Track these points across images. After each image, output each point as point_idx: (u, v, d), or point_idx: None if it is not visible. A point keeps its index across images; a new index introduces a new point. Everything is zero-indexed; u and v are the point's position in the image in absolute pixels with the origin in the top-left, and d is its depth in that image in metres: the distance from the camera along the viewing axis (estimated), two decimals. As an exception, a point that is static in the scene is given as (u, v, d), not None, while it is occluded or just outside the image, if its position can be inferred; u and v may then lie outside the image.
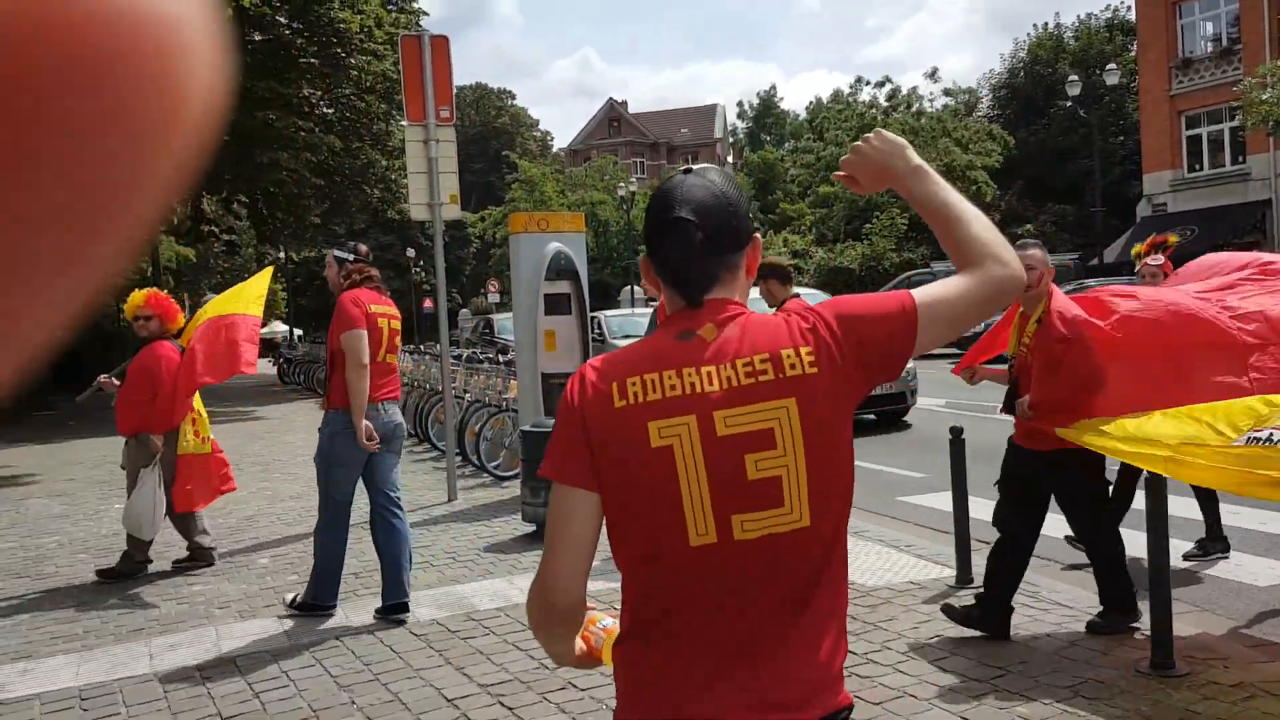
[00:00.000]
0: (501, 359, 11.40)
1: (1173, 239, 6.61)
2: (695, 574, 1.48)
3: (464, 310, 42.44)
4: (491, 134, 69.62)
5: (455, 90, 10.43)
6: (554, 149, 76.26)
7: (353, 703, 4.41)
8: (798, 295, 6.33)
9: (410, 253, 47.68)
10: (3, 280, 0.22)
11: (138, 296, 6.58)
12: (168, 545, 7.18)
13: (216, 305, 7.01)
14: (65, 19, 0.21)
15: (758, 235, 1.65)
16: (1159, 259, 6.40)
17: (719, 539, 1.47)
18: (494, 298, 39.35)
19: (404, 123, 10.65)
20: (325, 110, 23.29)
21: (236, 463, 8.36)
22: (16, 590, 6.59)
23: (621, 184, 46.57)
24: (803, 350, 1.51)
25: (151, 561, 6.80)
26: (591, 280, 11.06)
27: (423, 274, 47.16)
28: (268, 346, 33.01)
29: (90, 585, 6.60)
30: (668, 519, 1.48)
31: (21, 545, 7.98)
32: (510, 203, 47.35)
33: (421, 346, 18.00)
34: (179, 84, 0.23)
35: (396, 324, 5.64)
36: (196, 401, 6.67)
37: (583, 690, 4.40)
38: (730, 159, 75.30)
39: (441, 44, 9.82)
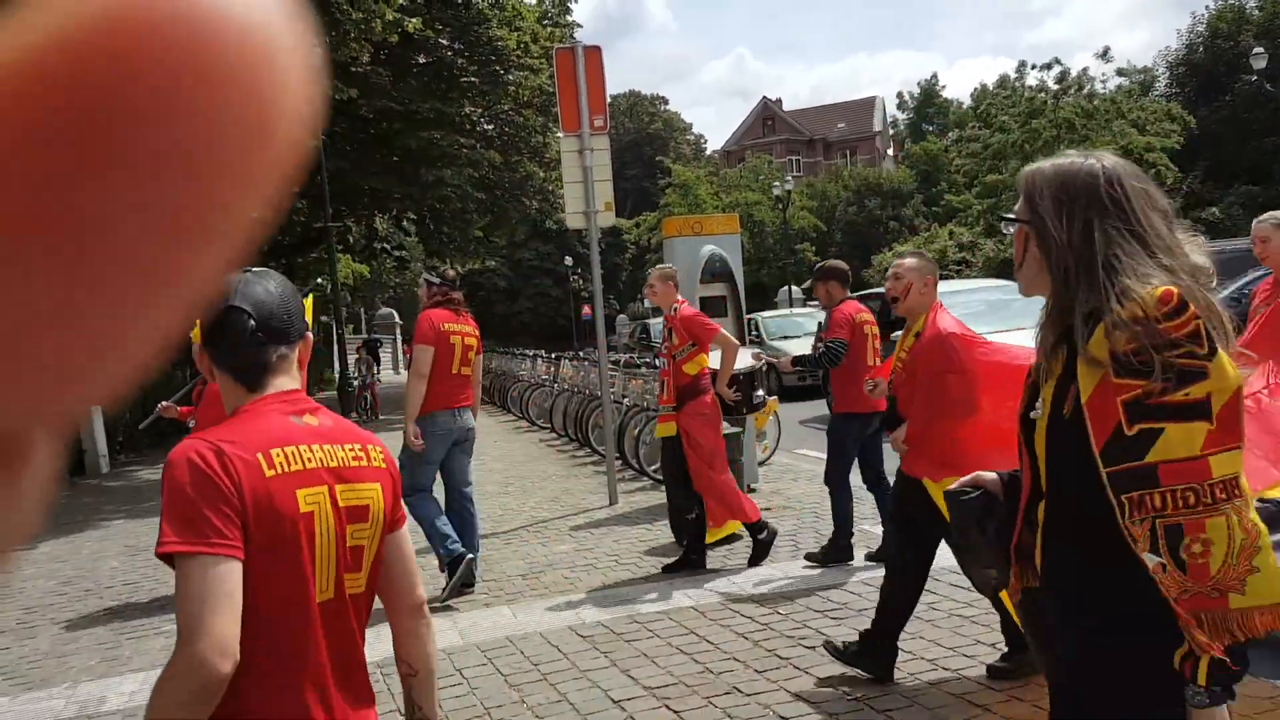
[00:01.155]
0: (659, 363, 11.46)
1: None
2: (318, 625, 1.70)
3: (621, 316, 42.98)
4: (645, 140, 70.24)
5: (609, 99, 10.56)
6: (707, 151, 76.30)
7: (523, 702, 4.51)
8: (853, 299, 6.37)
9: (569, 261, 48.65)
10: (104, 302, 0.22)
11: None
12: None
13: None
14: (147, 28, 0.21)
15: (309, 335, 1.84)
16: None
17: (335, 595, 1.72)
18: (650, 303, 39.66)
19: (559, 134, 10.85)
20: (485, 126, 24.03)
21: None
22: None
23: (776, 183, 46.20)
24: (373, 449, 1.84)
25: None
26: (747, 282, 10.99)
27: (580, 281, 48.04)
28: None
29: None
30: (302, 576, 1.68)
31: (148, 562, 8.49)
32: (665, 207, 47.63)
33: (580, 352, 18.33)
34: (271, 101, 0.22)
35: (471, 340, 6.25)
36: None
37: (748, 695, 4.37)
38: (890, 151, 73.59)
39: (594, 55, 9.97)
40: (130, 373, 0.24)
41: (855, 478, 6.34)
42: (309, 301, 7.10)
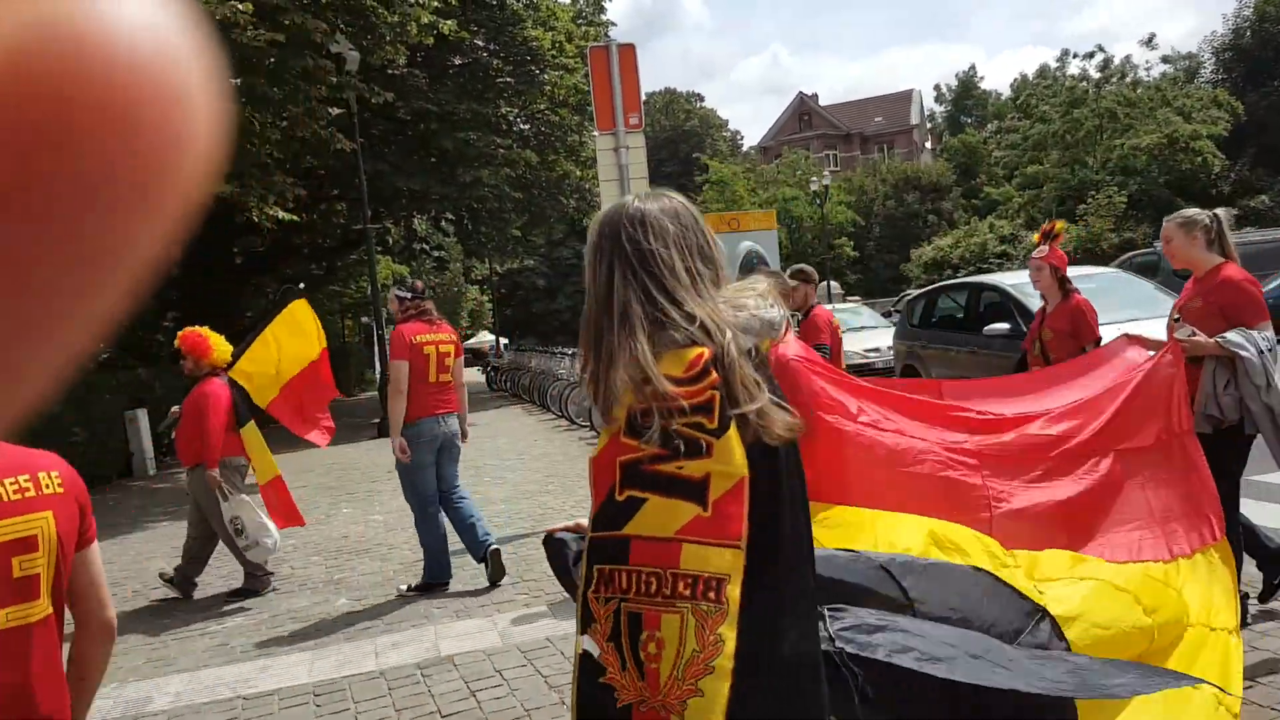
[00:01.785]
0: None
1: (1060, 225, 5.51)
2: None
3: (661, 313, 42.89)
4: (681, 137, 70.11)
5: (644, 97, 10.51)
6: (744, 148, 76.03)
7: (563, 703, 4.49)
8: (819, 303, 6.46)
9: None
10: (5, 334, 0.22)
11: (177, 338, 6.86)
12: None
13: (291, 357, 7.06)
14: (59, 69, 0.21)
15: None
16: (1043, 251, 5.40)
17: (6, 626, 1.74)
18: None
19: (595, 133, 10.84)
20: (522, 126, 24.11)
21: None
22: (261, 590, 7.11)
23: (814, 178, 45.90)
24: (46, 475, 1.85)
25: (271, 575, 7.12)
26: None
27: (619, 279, 47.90)
28: (476, 356, 34.47)
29: (323, 584, 7.05)
30: None
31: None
32: (702, 204, 47.51)
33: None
34: (174, 138, 0.23)
35: (446, 348, 6.35)
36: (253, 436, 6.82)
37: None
38: (928, 144, 72.84)
39: (629, 53, 9.93)
40: (34, 393, 0.24)
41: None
42: (302, 304, 7.08)
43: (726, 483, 1.44)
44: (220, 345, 6.79)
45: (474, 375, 30.78)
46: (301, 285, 9.73)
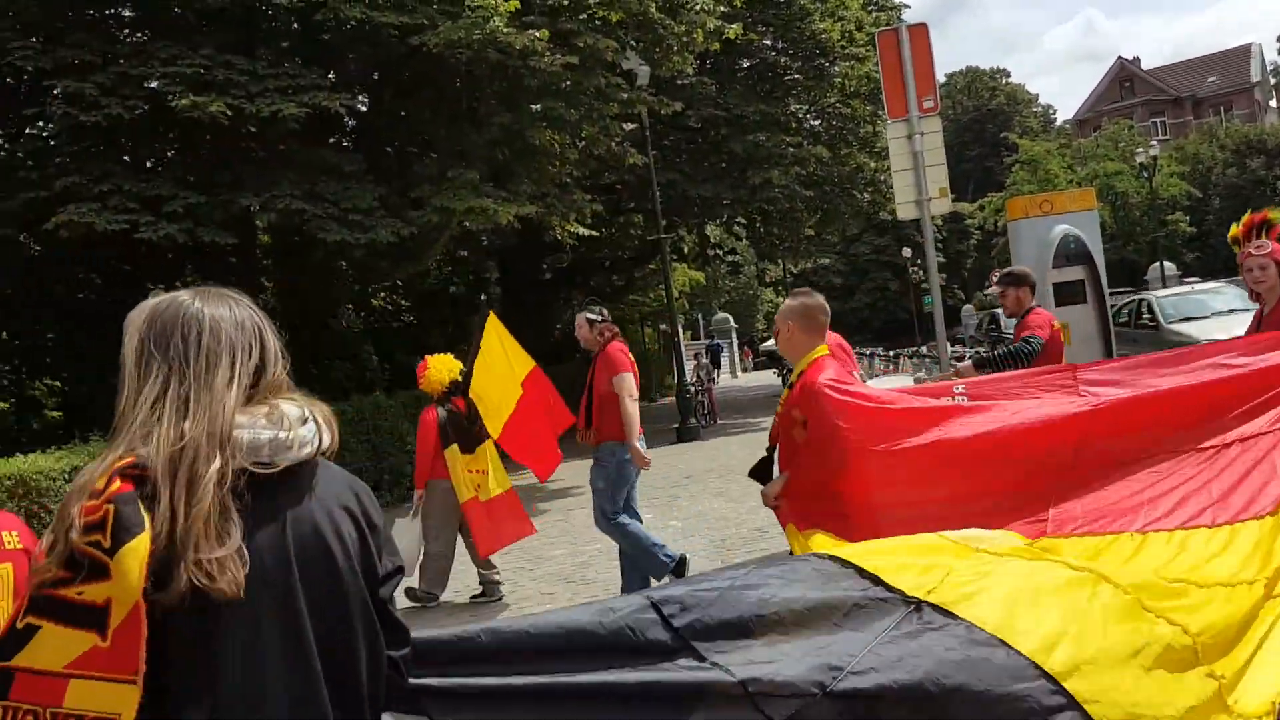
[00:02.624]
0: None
1: (1274, 214, 4.69)
2: None
3: (967, 306, 40.91)
4: (986, 117, 66.59)
5: (944, 78, 9.97)
6: (1057, 123, 70.97)
7: None
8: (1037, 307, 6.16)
9: (906, 252, 47.05)
10: None
11: None
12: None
13: (501, 382, 7.17)
14: None
15: None
16: (1266, 246, 4.55)
17: None
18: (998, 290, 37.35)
19: (887, 121, 10.43)
20: (812, 122, 23.75)
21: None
22: (564, 595, 7.32)
23: (1139, 149, 41.98)
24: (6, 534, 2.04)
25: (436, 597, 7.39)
26: (1111, 259, 9.92)
27: (920, 272, 46.25)
28: (770, 359, 34.37)
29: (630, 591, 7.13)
30: None
31: (570, 552, 8.89)
32: (1012, 186, 44.80)
33: (923, 349, 17.50)
34: None
35: None
36: (485, 460, 7.22)
37: None
38: (1273, 103, 64.69)
39: (920, 33, 9.45)
40: None
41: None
42: (491, 322, 7.28)
43: (124, 609, 1.30)
44: (435, 372, 7.28)
45: (769, 378, 30.68)
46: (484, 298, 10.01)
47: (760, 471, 4.37)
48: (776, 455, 4.26)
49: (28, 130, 15.42)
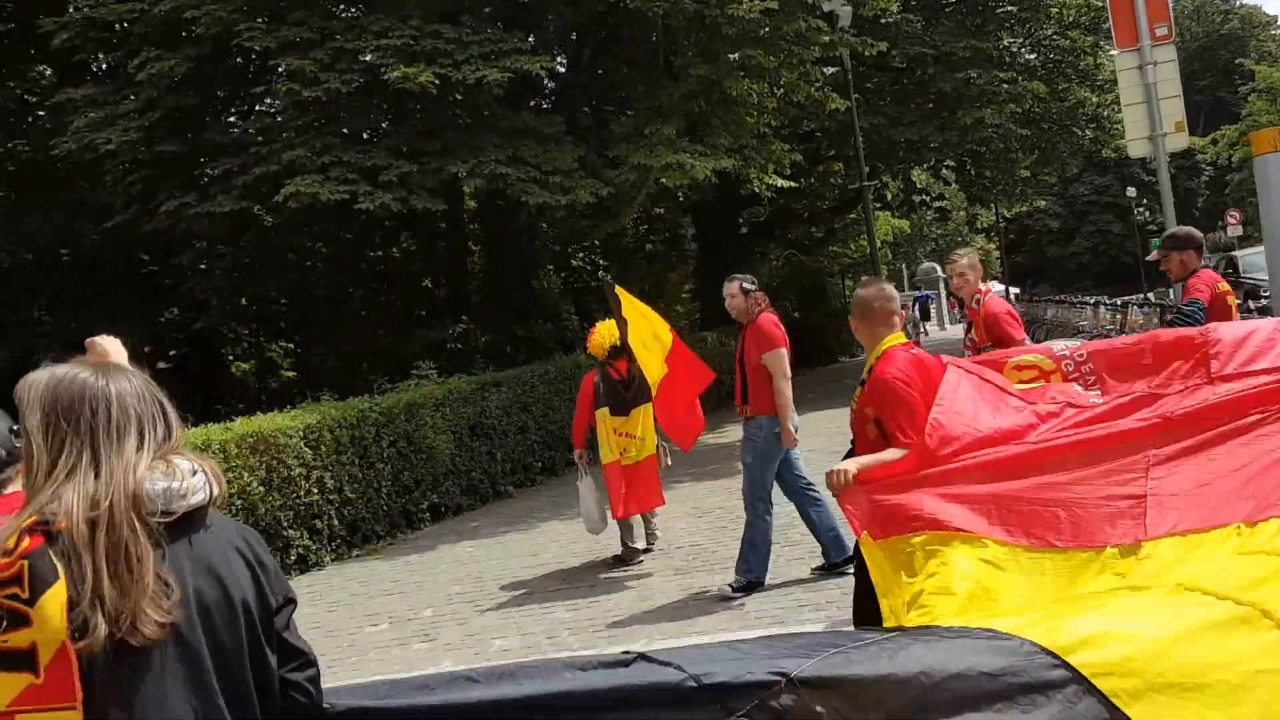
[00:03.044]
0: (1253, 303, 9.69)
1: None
2: None
3: (1200, 248, 37.71)
4: (1218, 44, 60.92)
5: (1171, 4, 9.16)
6: (1303, 45, 64.06)
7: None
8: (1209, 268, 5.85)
9: (1131, 192, 43.89)
10: None
11: None
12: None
13: (653, 359, 7.01)
14: None
15: None
16: None
17: None
18: (1235, 230, 34.30)
19: (1113, 52, 9.72)
20: (1027, 56, 22.38)
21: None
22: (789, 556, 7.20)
23: (1407, 68, 37.32)
24: None
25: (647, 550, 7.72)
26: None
27: (1147, 214, 43.06)
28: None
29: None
30: None
31: (713, 524, 8.75)
32: (1248, 118, 40.82)
33: (1151, 295, 16.24)
34: None
35: None
36: (638, 425, 7.36)
37: None
38: None
39: (1153, -49, 8.63)
40: None
41: None
42: (622, 293, 7.10)
43: (51, 650, 1.49)
44: (599, 336, 7.51)
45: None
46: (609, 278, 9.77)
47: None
48: (855, 454, 4.04)
49: (257, 108, 16.50)
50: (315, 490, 9.32)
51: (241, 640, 1.62)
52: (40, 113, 20.52)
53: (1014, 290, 42.91)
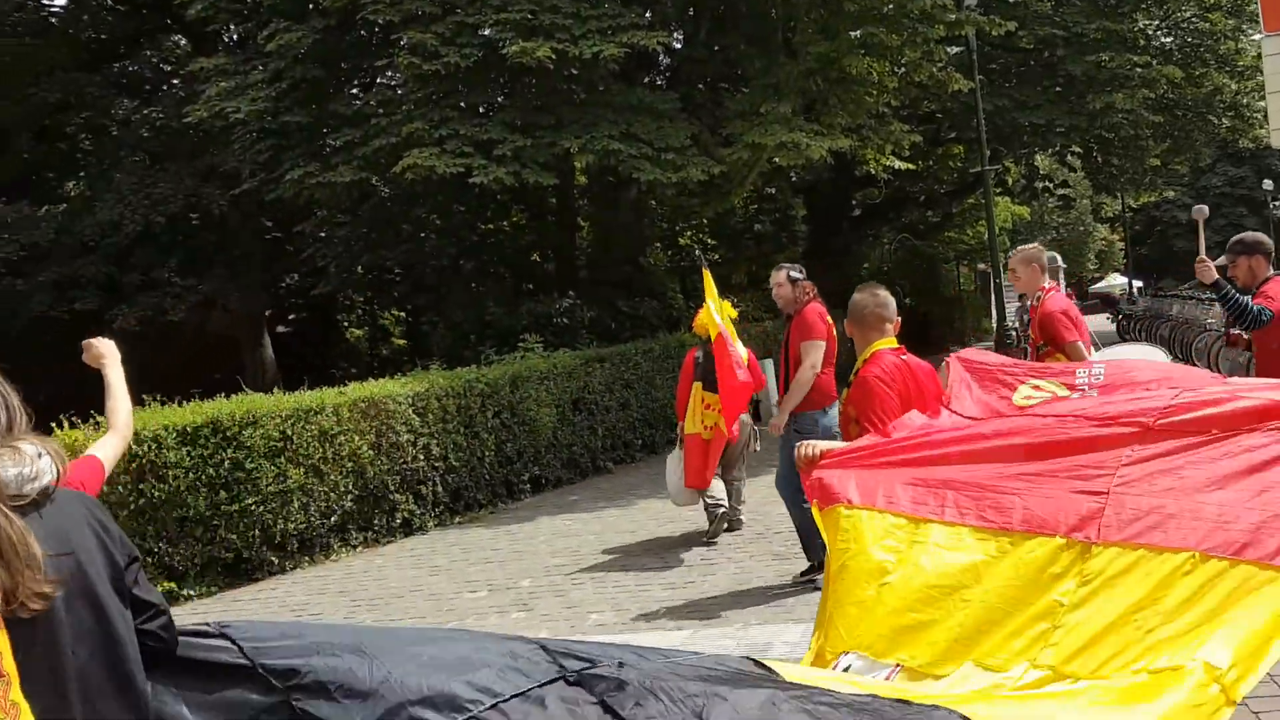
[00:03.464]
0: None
1: None
2: None
3: (1345, 245, 35.67)
4: (1379, 27, 57.10)
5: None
6: None
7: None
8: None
9: (1267, 185, 41.61)
10: None
11: None
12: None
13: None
14: None
15: None
16: None
17: None
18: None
19: (1256, 36, 9.19)
20: (1163, 39, 21.35)
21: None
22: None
23: None
24: None
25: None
26: None
27: (1287, 207, 40.77)
28: (1104, 302, 31.72)
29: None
30: None
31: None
32: None
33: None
34: None
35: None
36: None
37: None
38: None
39: (1314, -74, 8.10)
40: None
41: None
42: (706, 273, 7.64)
43: None
44: (701, 317, 7.72)
45: (1102, 323, 28.28)
46: (699, 252, 9.64)
47: None
48: None
49: (379, 80, 16.86)
50: (421, 456, 9.54)
51: (101, 601, 1.76)
52: (175, 81, 21.42)
53: (1137, 284, 41.22)
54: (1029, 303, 6.22)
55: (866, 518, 3.01)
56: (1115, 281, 45.99)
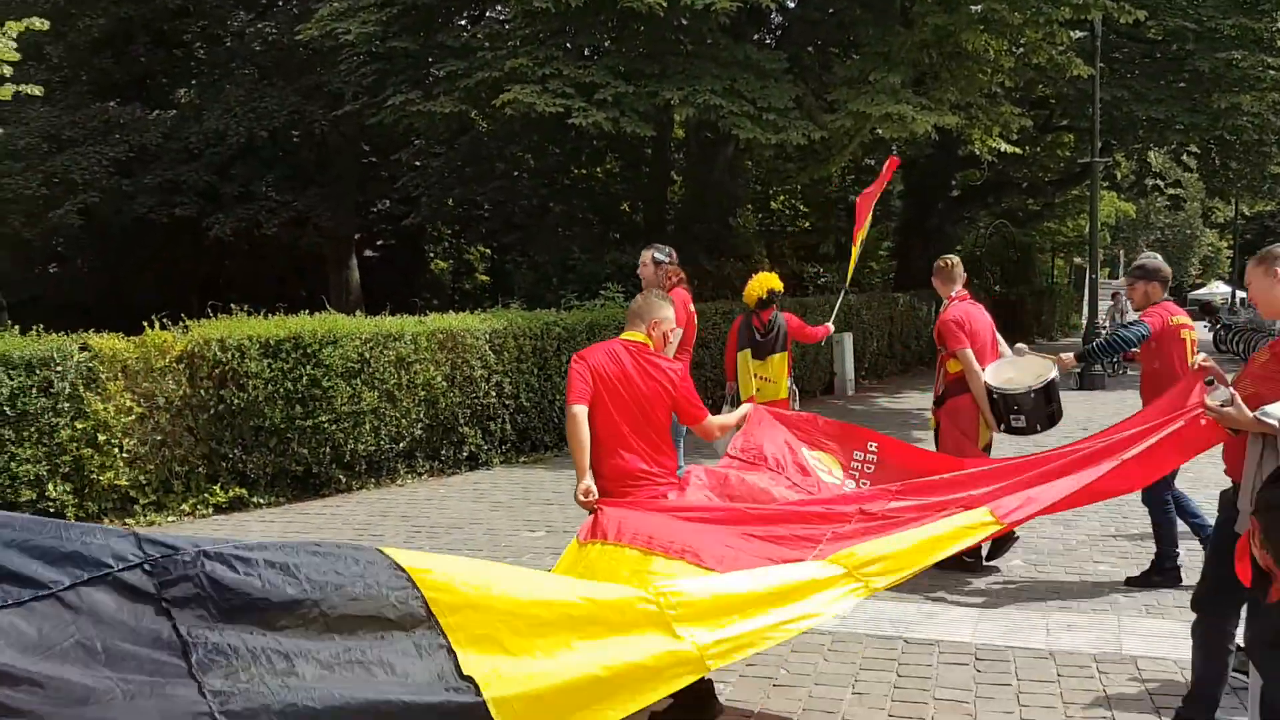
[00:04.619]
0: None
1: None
2: None
3: None
4: None
5: None
6: None
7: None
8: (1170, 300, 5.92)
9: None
10: None
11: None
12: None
13: None
14: None
15: None
16: None
17: None
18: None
19: None
20: (1303, 43, 20.22)
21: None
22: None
23: None
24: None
25: None
26: None
27: None
28: (1203, 310, 30.58)
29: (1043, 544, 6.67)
30: None
31: None
32: None
33: (1407, 321, 14.60)
34: None
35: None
36: (770, 369, 7.73)
37: None
38: None
39: None
40: None
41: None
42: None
43: None
44: (750, 287, 7.86)
45: (1198, 332, 27.32)
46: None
47: None
48: None
49: (488, 13, 16.85)
50: (494, 393, 9.63)
51: None
52: (289, -1, 21.64)
53: (1241, 294, 39.59)
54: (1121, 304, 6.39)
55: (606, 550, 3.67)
56: (1217, 290, 44.26)
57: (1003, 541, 6.15)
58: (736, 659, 3.14)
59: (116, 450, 7.33)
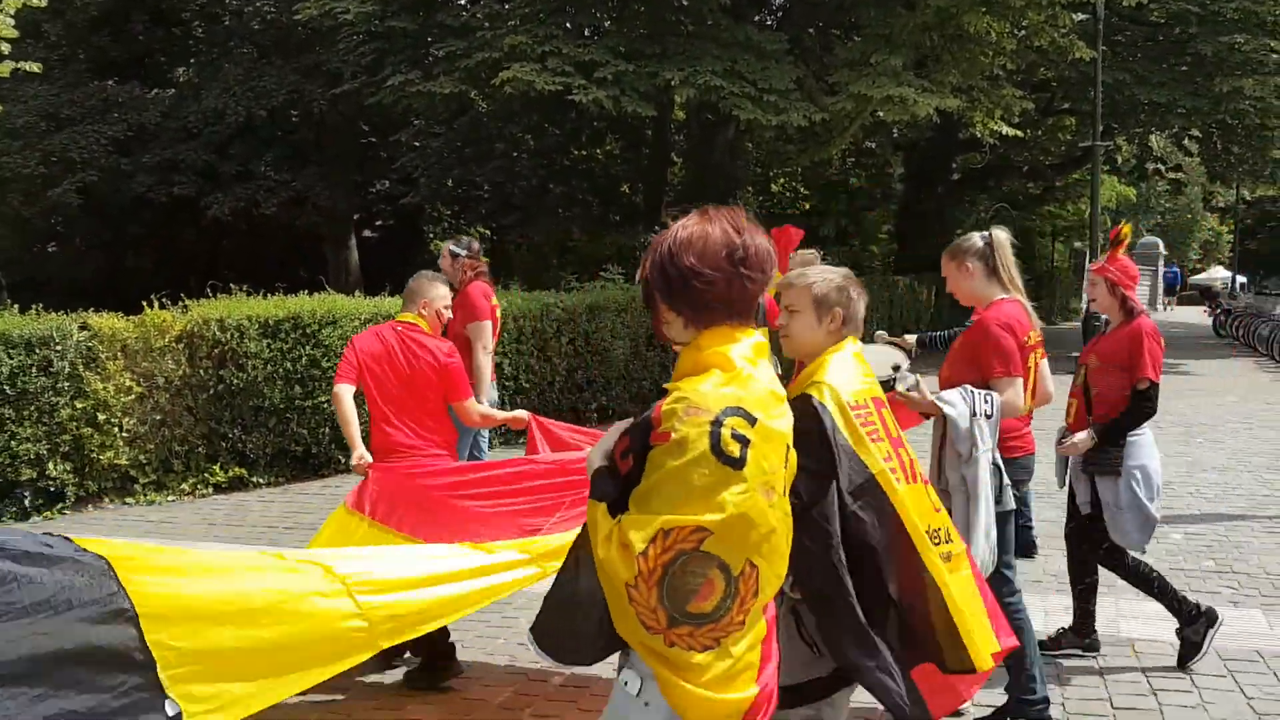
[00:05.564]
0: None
1: (1126, 230, 4.51)
2: None
3: None
4: None
5: None
6: None
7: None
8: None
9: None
10: None
11: None
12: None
13: None
14: None
15: None
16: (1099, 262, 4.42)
17: None
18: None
19: None
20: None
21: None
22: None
23: None
24: None
25: None
26: None
27: None
28: (1202, 294, 30.58)
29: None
30: None
31: None
32: None
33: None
34: None
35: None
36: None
37: None
38: None
39: None
40: None
41: None
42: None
43: None
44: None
45: (1197, 317, 27.35)
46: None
47: None
48: None
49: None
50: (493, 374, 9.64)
51: None
52: (288, -24, 21.50)
53: (1240, 279, 39.59)
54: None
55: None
56: (1217, 275, 44.27)
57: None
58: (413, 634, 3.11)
59: (116, 429, 7.35)
